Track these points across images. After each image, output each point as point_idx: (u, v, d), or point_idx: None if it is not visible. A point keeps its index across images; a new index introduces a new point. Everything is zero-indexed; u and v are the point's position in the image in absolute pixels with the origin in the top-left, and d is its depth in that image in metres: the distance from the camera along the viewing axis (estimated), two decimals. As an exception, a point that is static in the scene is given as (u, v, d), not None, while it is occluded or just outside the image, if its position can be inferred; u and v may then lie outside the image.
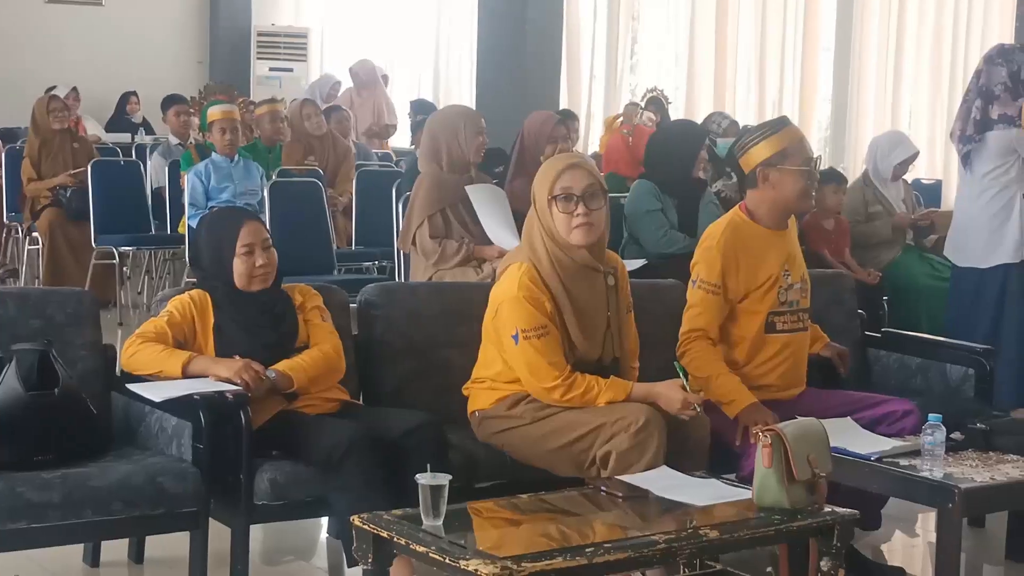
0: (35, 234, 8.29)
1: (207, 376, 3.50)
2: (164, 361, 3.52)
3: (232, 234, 3.64)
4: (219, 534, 3.45)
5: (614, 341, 3.65)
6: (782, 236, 3.97)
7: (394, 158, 9.76)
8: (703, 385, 3.79)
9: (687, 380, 3.49)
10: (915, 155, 6.75)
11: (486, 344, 3.67)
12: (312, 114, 8.40)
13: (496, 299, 3.61)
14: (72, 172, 8.18)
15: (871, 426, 3.78)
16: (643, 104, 9.69)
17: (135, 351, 3.55)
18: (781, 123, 4.00)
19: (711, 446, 3.61)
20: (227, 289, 3.66)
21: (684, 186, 5.67)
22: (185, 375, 3.50)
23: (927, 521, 4.42)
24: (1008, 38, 9.31)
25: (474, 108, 7.28)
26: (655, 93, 9.79)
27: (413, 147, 8.93)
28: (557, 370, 3.49)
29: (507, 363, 3.58)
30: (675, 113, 10.31)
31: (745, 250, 3.89)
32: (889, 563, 4.00)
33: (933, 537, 3.77)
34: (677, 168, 5.62)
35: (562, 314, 3.56)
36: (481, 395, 3.67)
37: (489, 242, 5.07)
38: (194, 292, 3.69)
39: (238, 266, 3.63)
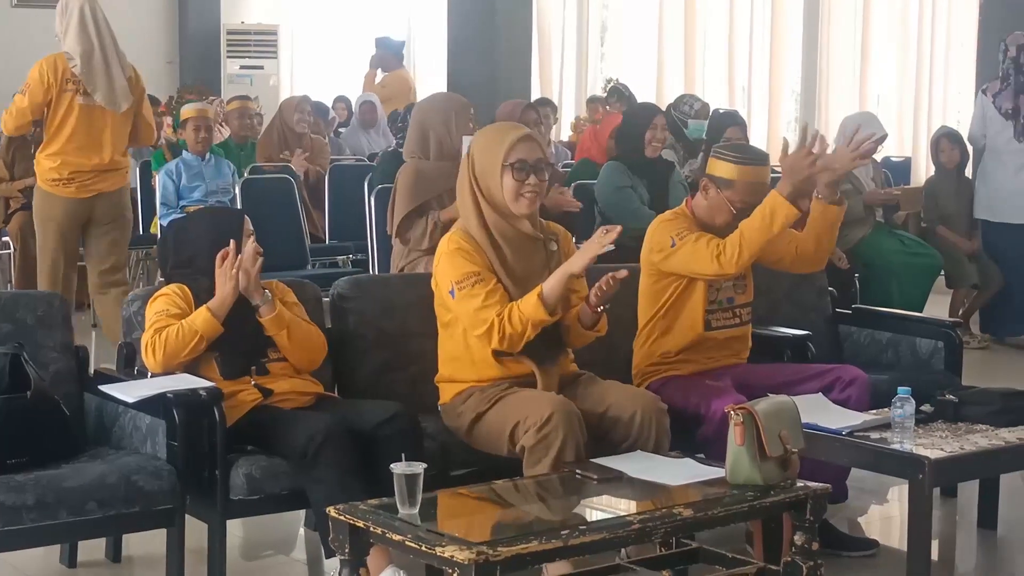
0: (6, 239, 8.24)
1: (227, 301, 3.54)
2: (191, 328, 3.51)
3: (239, 223, 3.75)
4: (197, 530, 3.45)
5: None
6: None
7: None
8: (739, 241, 3.76)
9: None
10: (884, 137, 6.77)
11: (439, 329, 3.70)
12: (305, 114, 8.30)
13: (435, 271, 3.65)
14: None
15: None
16: (605, 95, 9.80)
17: (163, 340, 3.50)
18: (760, 159, 3.95)
19: (669, 424, 3.55)
20: (210, 283, 3.65)
21: (650, 166, 5.71)
22: (215, 316, 3.53)
23: (901, 493, 4.45)
24: (973, 18, 9.37)
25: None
26: (615, 84, 9.91)
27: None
28: (490, 311, 3.48)
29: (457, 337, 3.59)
30: (648, 100, 10.34)
31: None
32: (865, 535, 4.02)
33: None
34: (635, 148, 5.70)
35: (498, 277, 3.58)
36: (445, 389, 3.70)
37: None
38: (172, 286, 3.69)
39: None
